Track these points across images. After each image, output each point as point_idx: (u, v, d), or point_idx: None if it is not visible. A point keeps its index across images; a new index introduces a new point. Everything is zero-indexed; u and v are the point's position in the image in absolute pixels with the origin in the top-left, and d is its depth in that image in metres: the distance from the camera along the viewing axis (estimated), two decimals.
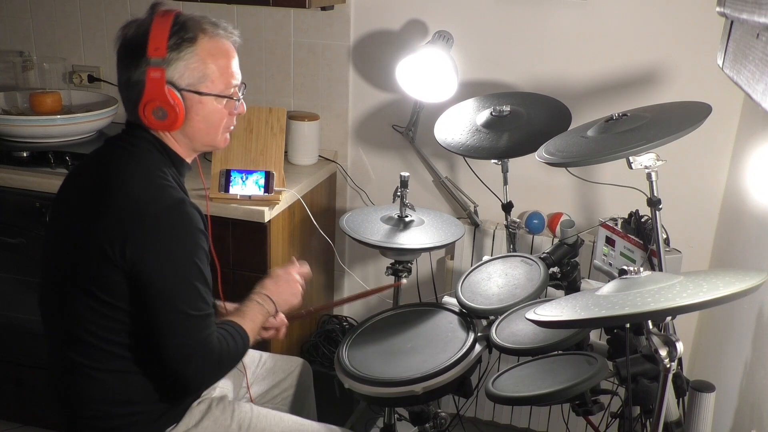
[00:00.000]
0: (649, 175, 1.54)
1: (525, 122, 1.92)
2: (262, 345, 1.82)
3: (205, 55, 1.32)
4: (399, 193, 2.00)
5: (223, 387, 1.58)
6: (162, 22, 1.28)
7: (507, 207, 2.04)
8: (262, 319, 1.49)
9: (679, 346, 1.11)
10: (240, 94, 1.40)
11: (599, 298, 1.14)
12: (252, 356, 1.76)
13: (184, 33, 1.30)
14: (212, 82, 1.33)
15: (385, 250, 1.95)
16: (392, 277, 2.04)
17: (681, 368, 1.61)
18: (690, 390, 1.40)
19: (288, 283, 1.57)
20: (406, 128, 2.34)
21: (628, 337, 1.34)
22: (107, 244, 1.23)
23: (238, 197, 1.99)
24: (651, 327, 1.15)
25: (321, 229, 2.26)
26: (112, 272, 1.24)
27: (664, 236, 1.65)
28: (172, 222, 1.26)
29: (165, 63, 1.28)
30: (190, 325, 1.26)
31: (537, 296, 1.64)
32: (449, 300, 1.84)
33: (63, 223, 1.35)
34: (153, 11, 1.31)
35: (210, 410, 1.46)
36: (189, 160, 1.42)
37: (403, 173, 1.99)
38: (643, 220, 1.68)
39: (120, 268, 1.23)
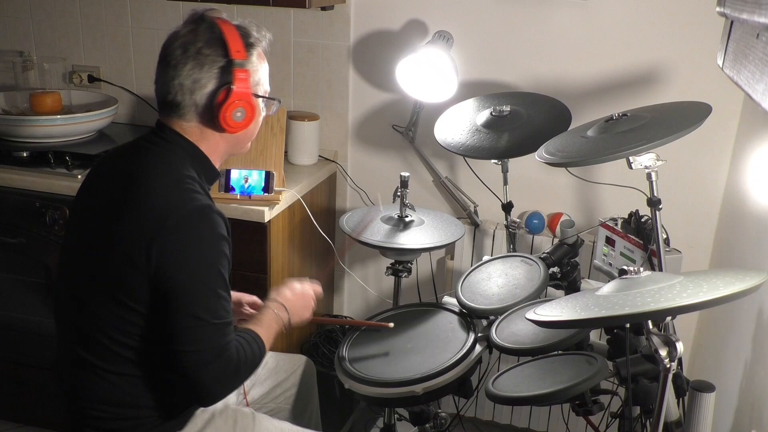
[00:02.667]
0: (649, 175, 1.54)
1: (525, 122, 1.92)
2: None
3: (260, 60, 1.39)
4: (399, 193, 2.00)
5: None
6: (228, 26, 1.33)
7: (507, 207, 2.04)
8: (277, 329, 1.49)
9: (679, 346, 1.11)
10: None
11: (599, 298, 1.14)
12: None
13: (248, 38, 1.35)
14: (263, 85, 1.41)
15: (385, 250, 1.95)
16: (392, 278, 2.04)
17: (681, 368, 1.61)
18: (690, 390, 1.40)
19: (303, 296, 1.59)
20: (406, 128, 2.34)
21: (628, 337, 1.34)
22: (131, 246, 1.23)
23: (238, 197, 1.99)
24: (651, 327, 1.15)
25: (321, 229, 2.26)
26: (135, 275, 1.23)
27: (664, 236, 1.65)
28: (196, 227, 1.26)
29: (247, 65, 1.33)
30: (209, 332, 1.26)
31: (537, 296, 1.64)
32: (449, 300, 1.84)
33: (86, 222, 1.35)
34: (202, 18, 1.33)
35: (213, 419, 1.46)
36: (218, 167, 1.43)
37: (403, 173, 1.99)
38: (643, 220, 1.68)
39: (143, 272, 1.23)
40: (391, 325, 1.70)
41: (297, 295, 1.57)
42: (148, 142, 1.36)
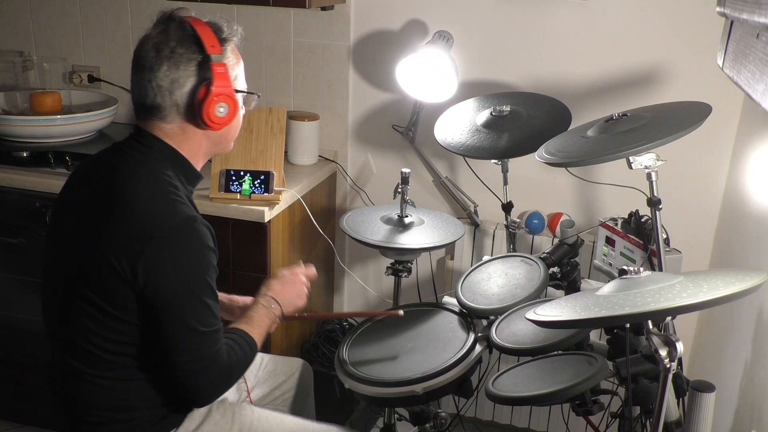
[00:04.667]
0: (649, 175, 1.54)
1: (525, 122, 1.92)
2: (264, 346, 1.82)
3: (236, 55, 1.37)
4: (400, 190, 2.00)
5: None
6: (200, 23, 1.31)
7: (507, 207, 2.04)
8: (269, 324, 1.49)
9: (679, 346, 1.11)
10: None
11: (599, 298, 1.14)
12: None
13: (221, 34, 1.33)
14: (241, 80, 1.39)
15: (385, 250, 1.95)
16: (392, 278, 2.04)
17: (681, 368, 1.61)
18: (690, 390, 1.40)
19: (294, 284, 1.58)
20: (406, 128, 2.34)
21: (628, 337, 1.34)
22: (116, 259, 1.21)
23: (238, 197, 1.99)
24: (651, 327, 1.15)
25: (321, 229, 2.26)
26: (121, 287, 1.23)
27: (664, 236, 1.65)
28: (183, 240, 1.25)
29: (223, 59, 1.31)
30: (200, 341, 1.26)
31: (537, 296, 1.64)
32: (449, 300, 1.84)
33: (67, 229, 1.34)
34: (171, 17, 1.31)
35: (210, 414, 1.46)
36: (199, 169, 1.42)
37: (404, 169, 1.99)
38: (643, 220, 1.68)
39: (130, 285, 1.22)
40: (401, 312, 1.68)
41: (287, 286, 1.56)
42: (128, 147, 1.34)
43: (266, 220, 1.97)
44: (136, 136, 1.35)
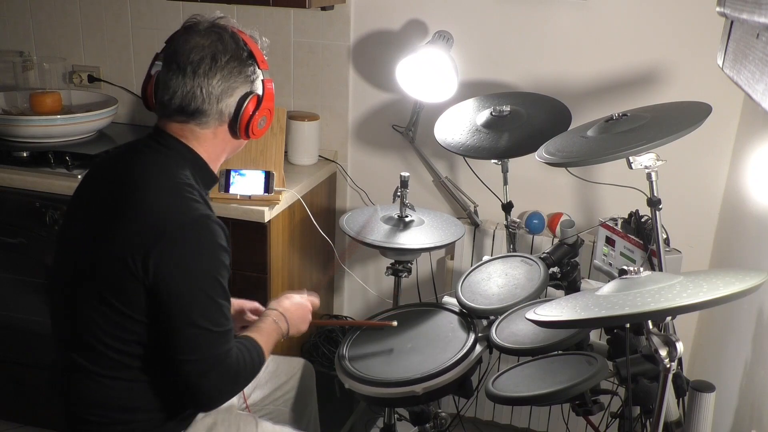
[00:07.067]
0: (649, 175, 1.55)
1: (525, 122, 1.92)
2: None
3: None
4: (399, 193, 2.00)
5: None
6: (247, 37, 1.37)
7: (507, 207, 2.04)
8: (276, 338, 1.50)
9: (679, 346, 1.11)
10: None
11: (599, 298, 1.14)
12: None
13: (264, 49, 1.40)
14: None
15: (385, 250, 1.95)
16: (392, 278, 2.04)
17: (681, 368, 1.61)
18: (690, 390, 1.40)
19: (303, 309, 1.60)
20: (406, 128, 2.34)
21: (628, 337, 1.34)
22: (128, 254, 1.22)
23: (238, 197, 1.99)
24: (651, 327, 1.15)
25: (321, 229, 2.26)
26: (131, 283, 1.23)
27: (664, 236, 1.65)
28: (196, 237, 1.25)
29: (268, 74, 1.40)
30: (210, 340, 1.26)
31: (537, 296, 1.64)
32: (449, 300, 1.84)
33: (81, 225, 1.34)
34: (221, 27, 1.35)
35: (215, 426, 1.45)
36: (216, 172, 1.44)
37: (403, 173, 1.99)
38: (643, 220, 1.68)
39: (140, 281, 1.22)
40: (395, 323, 1.69)
41: (296, 306, 1.58)
42: (147, 147, 1.35)
43: (266, 220, 1.97)
44: (155, 136, 1.36)
